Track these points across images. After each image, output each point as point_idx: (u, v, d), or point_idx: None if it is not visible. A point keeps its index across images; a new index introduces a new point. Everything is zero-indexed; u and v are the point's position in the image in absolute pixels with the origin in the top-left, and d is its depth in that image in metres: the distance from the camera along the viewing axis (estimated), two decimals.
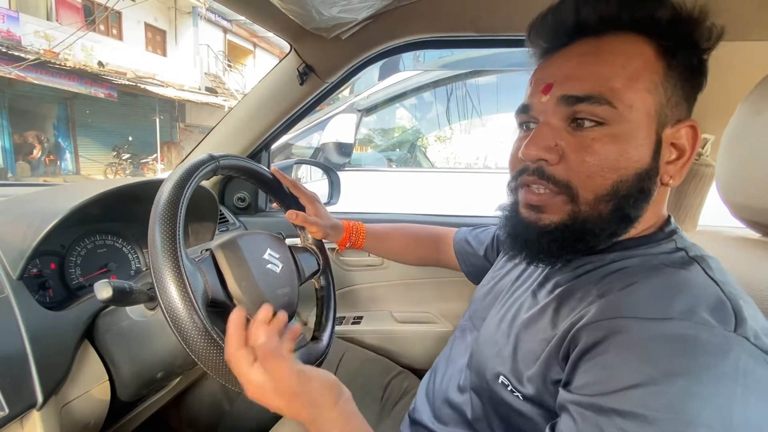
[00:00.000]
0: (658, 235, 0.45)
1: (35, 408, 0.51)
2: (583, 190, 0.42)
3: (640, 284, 0.39)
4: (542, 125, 0.44)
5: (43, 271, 0.67)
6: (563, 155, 0.43)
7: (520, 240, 0.48)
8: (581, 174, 0.42)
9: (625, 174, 0.41)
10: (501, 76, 3.30)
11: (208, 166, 0.56)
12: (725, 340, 0.33)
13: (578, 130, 0.42)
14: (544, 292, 0.49)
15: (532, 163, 0.44)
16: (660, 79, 0.41)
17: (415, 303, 1.16)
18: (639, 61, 0.41)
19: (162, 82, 10.47)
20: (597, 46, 0.43)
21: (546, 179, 0.43)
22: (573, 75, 0.43)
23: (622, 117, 0.40)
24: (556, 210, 0.44)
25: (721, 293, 0.37)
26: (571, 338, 0.39)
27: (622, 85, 0.40)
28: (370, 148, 4.55)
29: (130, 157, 10.62)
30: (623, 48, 0.42)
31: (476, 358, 0.53)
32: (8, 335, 0.51)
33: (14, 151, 8.73)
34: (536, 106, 0.45)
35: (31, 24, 7.92)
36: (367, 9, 0.78)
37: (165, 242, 0.45)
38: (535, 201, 0.45)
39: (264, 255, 0.61)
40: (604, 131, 0.41)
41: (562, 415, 0.38)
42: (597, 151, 0.41)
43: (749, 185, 0.50)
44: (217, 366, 0.45)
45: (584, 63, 0.42)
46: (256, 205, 1.19)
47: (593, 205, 0.42)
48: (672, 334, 0.34)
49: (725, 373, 0.32)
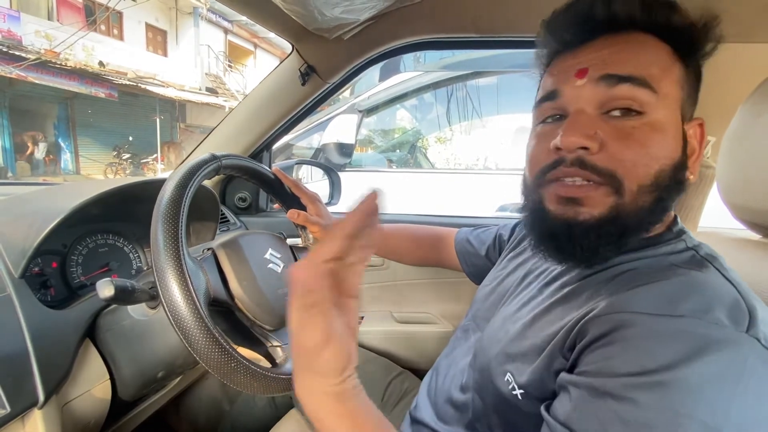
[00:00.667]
0: (666, 235, 0.45)
1: (36, 406, 0.51)
2: (629, 180, 0.40)
3: (652, 283, 0.39)
4: (577, 113, 0.42)
5: (44, 270, 0.67)
6: (603, 144, 0.41)
7: (553, 239, 0.45)
8: (626, 162, 0.40)
9: (665, 164, 0.41)
10: (501, 78, 3.31)
11: (210, 166, 0.56)
12: (735, 340, 0.33)
13: (615, 119, 0.41)
14: (551, 291, 0.49)
15: (570, 153, 0.41)
16: (683, 75, 0.42)
17: (415, 303, 1.16)
18: (667, 56, 0.42)
19: (162, 82, 10.48)
20: (626, 40, 0.42)
21: (589, 169, 0.41)
22: (611, 60, 0.41)
23: (659, 105, 0.40)
24: (598, 202, 0.41)
25: (737, 293, 0.36)
26: (578, 330, 0.39)
27: (659, 73, 0.41)
28: (371, 149, 4.55)
29: (130, 157, 10.62)
30: (652, 44, 0.42)
31: (480, 357, 0.53)
32: (10, 334, 0.51)
33: (14, 151, 8.74)
34: (568, 91, 0.43)
35: (32, 24, 7.93)
36: (369, 10, 0.79)
37: (167, 241, 0.45)
38: (573, 193, 0.42)
39: (265, 255, 0.61)
40: (643, 120, 0.40)
41: (560, 394, 0.38)
42: (639, 139, 0.40)
43: (750, 187, 0.51)
44: (219, 364, 0.45)
45: (620, 51, 0.42)
46: (257, 205, 1.19)
47: (637, 197, 0.41)
48: (681, 330, 0.34)
49: (731, 372, 0.31)
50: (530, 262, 0.59)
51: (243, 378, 0.45)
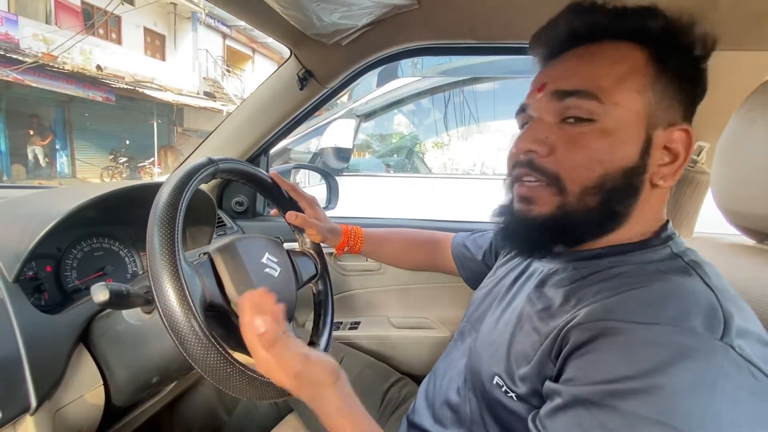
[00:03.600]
0: (653, 241, 0.46)
1: (29, 412, 0.50)
2: (571, 182, 0.44)
3: (634, 289, 0.40)
4: (535, 121, 0.47)
5: (38, 274, 0.66)
6: (553, 148, 0.45)
7: (512, 233, 0.50)
8: (568, 166, 0.44)
9: (611, 168, 0.43)
10: (498, 84, 3.33)
11: (208, 170, 0.56)
12: (710, 347, 0.34)
13: (568, 125, 0.45)
14: (539, 295, 0.50)
15: (524, 155, 0.47)
16: (649, 81, 0.43)
17: (412, 309, 1.16)
18: (627, 64, 0.43)
19: (160, 86, 10.47)
20: (589, 51, 0.46)
21: (536, 170, 0.46)
22: (565, 74, 0.46)
23: (608, 113, 0.43)
24: (546, 201, 0.46)
25: (715, 300, 0.37)
26: (562, 337, 0.41)
27: (610, 84, 0.43)
28: (368, 154, 4.57)
29: (127, 161, 10.58)
30: (614, 53, 0.44)
31: (473, 359, 0.54)
32: (3, 339, 0.50)
33: (9, 154, 8.69)
34: (532, 104, 0.48)
35: (30, 27, 7.92)
36: (367, 16, 0.79)
37: (163, 245, 0.45)
38: (526, 193, 0.47)
39: (262, 259, 0.61)
40: (592, 126, 0.43)
41: (545, 402, 0.40)
42: (584, 144, 0.43)
43: (744, 193, 0.51)
44: (214, 370, 0.44)
45: (576, 64, 0.46)
46: (254, 209, 1.19)
47: (580, 198, 0.44)
48: (657, 338, 0.35)
49: (705, 379, 0.32)
50: (521, 266, 0.60)
51: (239, 383, 0.45)
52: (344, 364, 0.92)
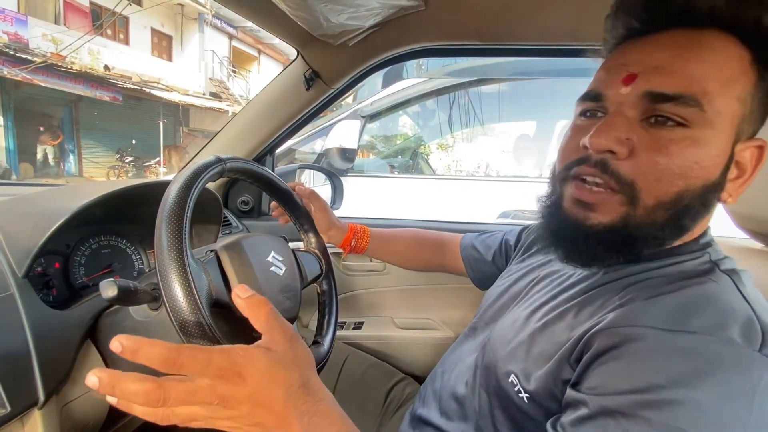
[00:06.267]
0: (691, 246, 0.43)
1: (36, 407, 0.51)
2: (647, 194, 0.38)
3: (667, 295, 0.38)
4: (615, 115, 0.40)
5: (47, 270, 0.67)
6: (633, 151, 0.38)
7: (560, 237, 0.44)
8: (649, 175, 0.38)
9: (694, 184, 0.38)
10: (503, 85, 3.32)
11: (215, 168, 0.57)
12: (748, 359, 0.32)
13: (655, 127, 0.38)
14: (565, 297, 0.48)
15: (597, 153, 0.40)
16: (750, 89, 0.38)
17: (416, 309, 1.16)
18: (737, 65, 0.37)
19: (167, 87, 10.55)
20: (695, 40, 0.38)
21: (609, 174, 0.39)
22: (664, 68, 0.38)
23: (707, 122, 0.37)
24: (609, 210, 0.40)
25: (751, 311, 0.35)
26: (585, 341, 0.38)
27: (716, 88, 0.37)
28: (373, 155, 4.57)
29: (133, 161, 10.66)
30: (723, 49, 0.37)
31: (488, 356, 0.53)
32: (12, 333, 0.51)
33: (17, 152, 8.79)
34: (612, 97, 0.41)
35: (39, 27, 8.00)
36: (374, 17, 0.79)
37: (171, 242, 0.45)
38: (587, 197, 0.41)
39: (268, 257, 0.61)
40: (685, 134, 0.37)
41: (567, 410, 0.37)
42: (672, 153, 0.37)
43: (752, 196, 0.51)
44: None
45: (679, 57, 0.38)
46: (259, 208, 1.20)
47: (651, 212, 0.39)
48: (691, 347, 0.33)
49: (742, 392, 0.31)
50: (541, 266, 0.59)
51: None
52: (348, 364, 0.93)
